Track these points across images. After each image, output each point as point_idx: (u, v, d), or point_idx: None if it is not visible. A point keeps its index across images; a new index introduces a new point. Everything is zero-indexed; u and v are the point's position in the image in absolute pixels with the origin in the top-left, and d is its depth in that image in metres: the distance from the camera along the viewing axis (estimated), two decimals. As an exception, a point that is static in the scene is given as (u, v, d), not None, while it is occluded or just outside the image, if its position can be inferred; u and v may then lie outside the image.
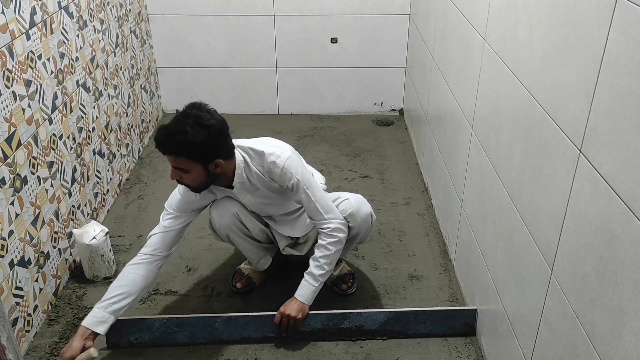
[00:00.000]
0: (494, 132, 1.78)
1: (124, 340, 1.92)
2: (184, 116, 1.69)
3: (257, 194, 1.92)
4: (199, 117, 1.67)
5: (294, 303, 1.91)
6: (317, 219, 1.91)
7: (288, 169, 1.83)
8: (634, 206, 1.01)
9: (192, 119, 1.67)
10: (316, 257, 1.92)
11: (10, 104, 1.83)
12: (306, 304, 1.92)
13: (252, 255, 2.14)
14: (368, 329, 1.97)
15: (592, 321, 1.16)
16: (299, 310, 1.90)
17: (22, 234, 1.90)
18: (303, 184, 1.85)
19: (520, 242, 1.56)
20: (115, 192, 2.80)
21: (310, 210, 1.90)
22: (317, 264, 1.91)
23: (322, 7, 3.42)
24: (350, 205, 1.98)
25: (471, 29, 2.04)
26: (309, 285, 1.92)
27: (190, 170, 1.73)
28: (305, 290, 1.92)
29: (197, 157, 1.70)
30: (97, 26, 2.59)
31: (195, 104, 1.73)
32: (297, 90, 3.70)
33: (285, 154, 1.84)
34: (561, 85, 1.29)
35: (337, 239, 1.91)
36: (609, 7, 1.08)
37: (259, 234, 2.07)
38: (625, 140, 1.03)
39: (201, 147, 1.67)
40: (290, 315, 1.89)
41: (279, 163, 1.82)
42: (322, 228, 1.91)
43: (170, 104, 3.76)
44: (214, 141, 1.70)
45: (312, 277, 1.92)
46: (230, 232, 2.02)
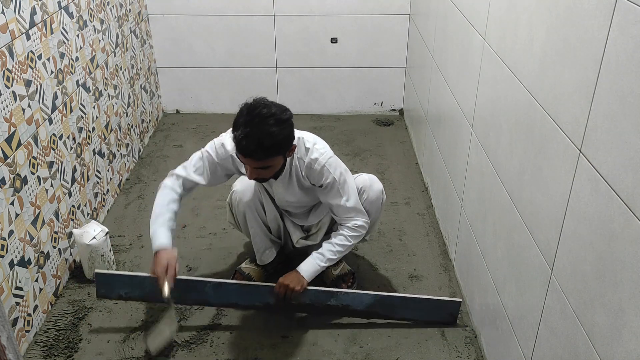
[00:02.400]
0: (494, 132, 1.78)
1: (113, 294, 2.01)
2: (260, 119, 1.65)
3: (289, 190, 1.96)
4: (275, 115, 1.68)
5: (295, 275, 1.94)
6: (345, 216, 1.96)
7: (329, 167, 1.88)
8: (634, 206, 1.01)
9: (271, 119, 1.66)
10: (333, 242, 1.96)
11: (10, 104, 1.83)
12: (306, 279, 1.94)
13: (259, 243, 2.14)
14: (354, 309, 2.00)
15: (592, 321, 1.16)
16: (298, 282, 1.92)
17: (22, 234, 1.90)
18: (339, 184, 1.91)
19: (520, 242, 1.56)
20: (115, 192, 2.80)
21: (340, 210, 1.95)
22: (331, 249, 1.95)
23: (322, 7, 3.42)
24: (364, 180, 2.06)
25: (471, 29, 2.04)
26: (314, 263, 1.95)
27: (273, 164, 1.75)
28: (309, 267, 1.95)
29: (282, 151, 1.74)
30: (97, 26, 2.59)
31: (256, 103, 1.70)
32: (297, 90, 3.70)
33: (327, 153, 1.90)
34: (561, 85, 1.29)
35: (359, 234, 1.97)
36: (609, 7, 1.08)
37: (272, 222, 2.09)
38: (625, 140, 1.03)
39: (287, 141, 1.73)
40: (289, 286, 1.91)
41: (321, 160, 1.87)
42: (348, 222, 1.96)
43: (170, 104, 3.76)
44: (292, 132, 1.76)
45: (321, 257, 1.95)
46: (248, 210, 2.03)
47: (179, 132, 3.54)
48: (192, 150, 3.26)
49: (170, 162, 3.16)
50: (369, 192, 2.04)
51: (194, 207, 2.75)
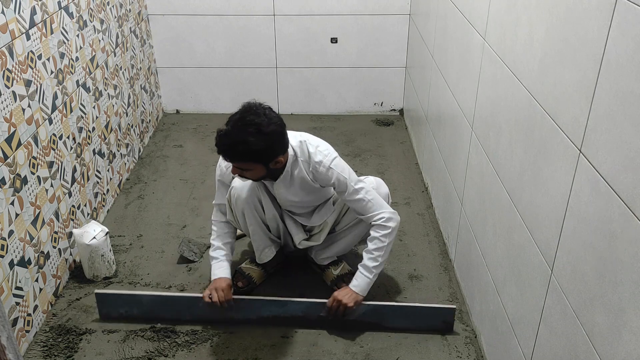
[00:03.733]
0: (494, 132, 1.78)
1: (114, 313, 2.05)
2: (243, 124, 1.71)
3: (290, 190, 1.97)
4: (259, 125, 1.71)
5: (349, 292, 1.94)
6: (368, 213, 1.96)
7: (335, 168, 1.90)
8: (634, 206, 1.01)
9: (252, 128, 1.70)
10: (370, 250, 1.96)
11: (10, 104, 1.83)
12: (360, 295, 1.95)
13: (259, 241, 2.14)
14: (346, 320, 1.99)
15: (592, 321, 1.16)
16: (353, 299, 1.93)
17: (22, 234, 1.90)
18: (351, 180, 1.93)
19: (520, 242, 1.56)
20: (115, 192, 2.80)
21: (360, 207, 1.95)
22: (370, 256, 1.95)
23: (322, 7, 3.42)
24: (370, 182, 2.07)
25: (471, 29, 2.04)
26: (363, 276, 1.95)
27: (252, 169, 1.81)
28: (360, 282, 1.95)
29: (259, 160, 1.77)
30: (97, 26, 2.59)
31: (252, 107, 1.75)
32: (297, 90, 3.71)
33: (331, 155, 1.92)
34: (561, 85, 1.29)
35: (390, 230, 1.96)
36: (609, 7, 1.08)
37: (271, 221, 2.09)
38: (625, 140, 1.03)
39: (263, 153, 1.75)
40: (342, 302, 1.92)
41: (325, 162, 1.90)
42: (374, 220, 1.96)
43: (170, 104, 3.76)
44: (275, 145, 1.77)
45: (367, 269, 1.95)
46: (246, 207, 2.04)
47: (179, 132, 3.54)
48: (192, 150, 3.29)
49: (170, 162, 3.16)
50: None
51: (194, 207, 2.75)
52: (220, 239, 2.08)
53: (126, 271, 2.31)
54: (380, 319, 2.00)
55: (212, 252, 2.07)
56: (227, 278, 2.00)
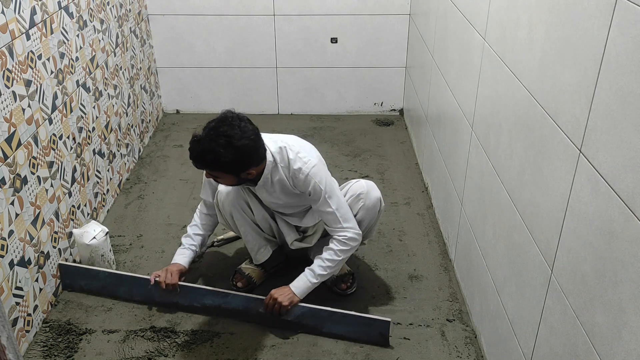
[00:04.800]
0: (494, 132, 1.78)
1: (75, 285, 2.19)
2: (215, 134, 1.71)
3: (273, 195, 1.96)
4: (230, 138, 1.70)
5: (287, 292, 1.95)
6: (335, 227, 1.94)
7: (313, 177, 1.87)
8: (634, 206, 1.01)
9: (223, 139, 1.70)
10: (323, 258, 1.95)
11: (10, 104, 1.83)
12: (297, 297, 1.95)
13: (252, 242, 2.14)
14: (283, 319, 1.99)
15: (592, 321, 1.16)
16: (289, 299, 1.93)
17: (22, 234, 1.90)
18: (325, 192, 1.90)
19: (520, 242, 1.56)
20: (115, 192, 2.80)
21: (329, 220, 1.93)
22: (321, 264, 1.94)
23: (322, 7, 3.42)
24: (361, 186, 2.04)
25: (471, 29, 2.04)
26: (306, 280, 1.95)
27: (222, 178, 1.83)
28: (301, 283, 1.95)
29: (228, 171, 1.78)
30: (97, 26, 2.59)
31: (227, 118, 1.75)
32: (297, 90, 3.70)
33: (311, 162, 1.89)
34: (561, 85, 1.29)
35: (349, 248, 1.94)
36: (609, 7, 1.08)
37: (262, 221, 2.09)
38: (625, 140, 1.03)
39: (233, 165, 1.75)
40: (277, 300, 1.92)
41: (304, 170, 1.87)
42: (337, 235, 1.94)
43: (170, 104, 3.76)
44: (245, 159, 1.76)
45: (312, 274, 1.95)
46: (235, 211, 2.04)
47: (179, 132, 3.54)
48: (192, 150, 3.28)
49: (170, 162, 3.16)
50: (365, 200, 2.02)
51: (194, 207, 2.75)
52: (193, 229, 2.15)
53: (126, 271, 2.31)
54: (318, 323, 1.98)
55: (182, 238, 2.15)
56: (181, 265, 2.07)
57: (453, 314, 2.10)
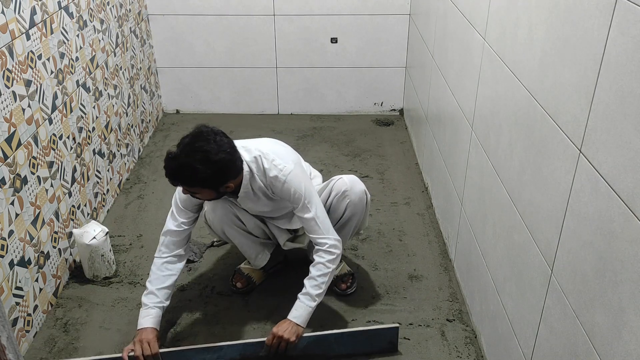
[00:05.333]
0: (494, 132, 1.78)
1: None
2: (191, 150, 1.68)
3: (259, 203, 1.93)
4: (207, 152, 1.67)
5: (289, 325, 1.81)
6: (315, 234, 1.87)
7: (290, 184, 1.83)
8: (634, 206, 1.01)
9: (199, 154, 1.67)
10: (314, 277, 1.85)
11: (10, 104, 1.83)
12: (301, 327, 1.82)
13: (249, 251, 2.12)
14: (289, 355, 1.85)
15: (592, 321, 1.16)
16: (294, 333, 1.80)
17: (22, 234, 1.90)
18: (305, 199, 1.85)
19: (520, 242, 1.56)
20: (115, 192, 2.80)
21: (309, 226, 1.87)
22: (314, 284, 1.84)
23: (322, 7, 3.42)
24: (344, 183, 2.00)
25: (471, 29, 2.04)
26: (305, 306, 1.83)
27: (200, 193, 1.78)
28: (301, 312, 1.83)
29: (208, 186, 1.74)
30: (97, 26, 2.59)
31: (202, 133, 1.71)
32: (297, 90, 3.71)
33: (287, 168, 1.84)
34: (561, 85, 1.29)
35: (335, 256, 1.87)
36: (609, 7, 1.08)
37: (255, 229, 2.07)
38: (625, 140, 1.03)
39: (210, 180, 1.71)
40: (283, 337, 1.79)
41: (280, 177, 1.83)
42: (319, 243, 1.87)
43: (170, 104, 3.76)
44: (223, 173, 1.73)
45: (309, 298, 1.83)
46: (225, 226, 2.01)
47: (179, 132, 3.54)
48: (192, 150, 3.28)
49: (170, 162, 3.16)
50: (350, 195, 1.98)
51: (194, 207, 2.75)
52: (155, 283, 1.89)
53: (126, 271, 2.31)
54: (325, 349, 1.89)
55: (144, 297, 1.88)
56: (154, 329, 1.82)
57: (453, 314, 2.10)
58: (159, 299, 1.88)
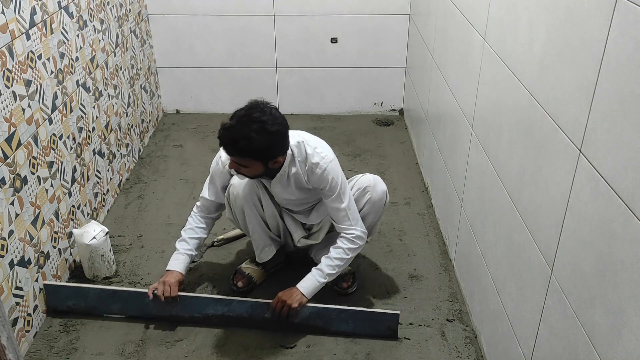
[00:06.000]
0: (494, 132, 1.78)
1: (62, 305, 2.05)
2: (248, 120, 1.71)
3: (288, 190, 1.96)
4: (264, 123, 1.71)
5: (295, 293, 1.91)
6: (344, 224, 1.94)
7: (330, 172, 1.88)
8: (634, 206, 1.01)
9: (256, 125, 1.70)
10: (331, 257, 1.94)
11: (10, 104, 1.83)
12: (306, 297, 1.92)
13: (258, 240, 2.13)
14: (291, 322, 1.95)
15: (592, 321, 1.16)
16: (297, 300, 1.90)
17: (22, 234, 1.90)
18: (340, 188, 1.91)
19: (520, 242, 1.56)
20: (115, 192, 2.80)
21: (340, 216, 1.94)
22: (330, 263, 1.94)
23: (322, 7, 3.42)
24: (368, 180, 2.06)
25: (471, 29, 2.04)
26: (314, 279, 1.93)
27: (250, 166, 1.80)
28: (309, 284, 1.92)
29: (259, 158, 1.77)
30: (97, 26, 2.59)
31: (258, 105, 1.75)
32: (297, 90, 3.71)
33: (328, 157, 1.90)
34: (561, 85, 1.29)
35: (357, 246, 1.95)
36: (609, 7, 1.08)
37: (271, 219, 2.09)
38: (625, 140, 1.03)
39: (265, 151, 1.74)
40: (286, 302, 1.89)
41: (322, 164, 1.88)
42: (346, 232, 1.94)
43: (170, 104, 3.76)
44: (277, 145, 1.77)
45: (321, 274, 1.93)
46: (246, 204, 2.03)
47: (179, 132, 3.54)
48: (192, 150, 3.29)
49: (170, 162, 3.16)
50: (372, 193, 2.04)
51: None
52: (188, 232, 2.07)
53: (126, 271, 2.31)
54: (325, 322, 1.97)
55: (177, 243, 2.07)
56: (179, 273, 1.99)
57: (453, 314, 2.10)
58: (190, 247, 2.05)
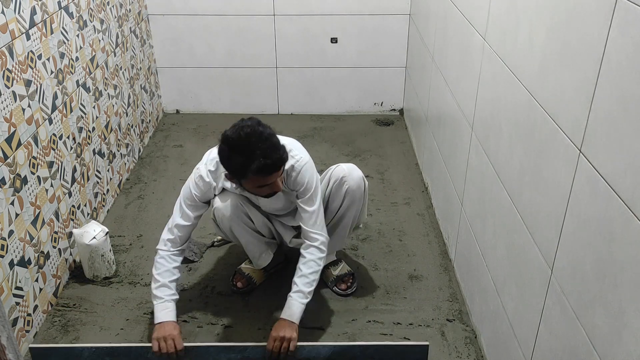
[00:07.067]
0: (494, 132, 1.78)
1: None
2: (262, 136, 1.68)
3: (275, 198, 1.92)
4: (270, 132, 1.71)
5: (286, 324, 1.81)
6: (311, 228, 1.91)
7: (304, 174, 1.87)
8: (634, 207, 1.01)
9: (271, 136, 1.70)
10: (305, 274, 1.87)
11: (10, 104, 1.83)
12: (295, 323, 1.82)
13: (253, 250, 2.12)
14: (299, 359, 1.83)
15: (592, 322, 1.16)
16: (294, 329, 1.81)
17: (22, 234, 1.90)
18: (313, 191, 1.90)
19: (520, 242, 1.56)
20: (115, 192, 2.80)
21: (308, 218, 1.91)
22: (306, 281, 1.86)
23: (322, 7, 3.42)
24: (342, 170, 2.02)
25: (471, 29, 2.04)
26: (299, 304, 1.84)
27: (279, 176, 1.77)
28: (295, 310, 1.83)
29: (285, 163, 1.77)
30: (97, 26, 2.59)
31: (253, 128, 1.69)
32: (297, 90, 3.71)
33: (303, 159, 1.89)
34: (561, 85, 1.29)
35: (324, 254, 1.92)
36: (609, 7, 1.08)
37: (262, 227, 2.07)
38: (625, 140, 1.03)
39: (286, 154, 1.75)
40: (285, 337, 1.78)
41: (296, 167, 1.87)
42: (312, 238, 1.90)
43: (170, 104, 3.76)
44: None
45: (302, 295, 1.85)
46: (234, 224, 2.01)
47: (179, 132, 3.54)
48: (192, 150, 3.29)
49: (170, 162, 3.16)
50: (349, 181, 2.00)
51: (194, 207, 2.75)
52: (165, 275, 1.88)
53: (126, 271, 2.31)
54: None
55: (156, 290, 1.87)
56: (174, 322, 1.84)
57: (453, 314, 2.10)
58: (172, 291, 1.89)
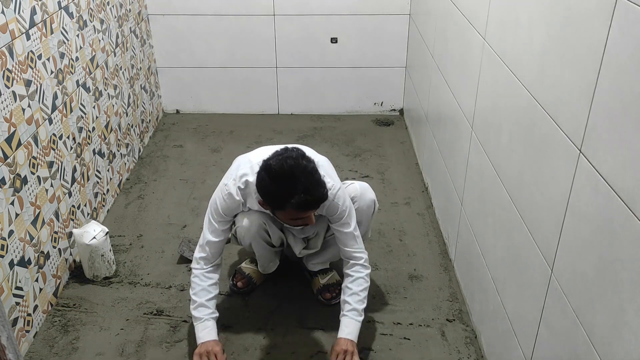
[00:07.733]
0: (494, 131, 1.78)
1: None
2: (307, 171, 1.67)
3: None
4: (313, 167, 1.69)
5: (347, 343, 1.82)
6: (352, 248, 1.92)
7: (338, 200, 1.86)
8: (634, 206, 1.01)
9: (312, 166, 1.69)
10: (356, 292, 1.88)
11: (10, 104, 1.83)
12: (354, 341, 1.83)
13: (264, 260, 2.14)
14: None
15: (592, 321, 1.16)
16: (354, 346, 1.82)
17: (22, 234, 1.90)
18: (348, 214, 1.89)
19: (520, 241, 1.56)
20: (115, 192, 2.80)
21: (347, 239, 1.91)
22: (358, 299, 1.87)
23: (322, 7, 3.42)
24: (355, 189, 2.02)
25: (471, 29, 2.04)
26: (354, 322, 1.85)
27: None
28: (352, 328, 1.84)
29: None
30: (97, 26, 2.59)
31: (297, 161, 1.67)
32: (297, 90, 3.71)
33: (335, 186, 1.86)
34: (561, 84, 1.29)
35: (369, 269, 1.93)
36: (609, 7, 1.08)
37: (277, 241, 2.08)
38: (625, 139, 1.03)
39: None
40: (349, 350, 1.80)
41: (329, 195, 1.81)
42: (355, 257, 1.91)
43: (170, 104, 3.76)
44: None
45: (357, 313, 1.86)
46: (254, 241, 2.02)
47: (179, 132, 3.54)
48: (192, 150, 3.29)
49: (170, 162, 3.16)
50: (360, 202, 2.01)
51: (194, 207, 2.75)
52: (202, 295, 1.88)
53: (126, 271, 2.31)
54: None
55: (194, 311, 1.87)
56: (217, 341, 1.84)
57: (453, 314, 2.10)
58: (211, 310, 1.88)
